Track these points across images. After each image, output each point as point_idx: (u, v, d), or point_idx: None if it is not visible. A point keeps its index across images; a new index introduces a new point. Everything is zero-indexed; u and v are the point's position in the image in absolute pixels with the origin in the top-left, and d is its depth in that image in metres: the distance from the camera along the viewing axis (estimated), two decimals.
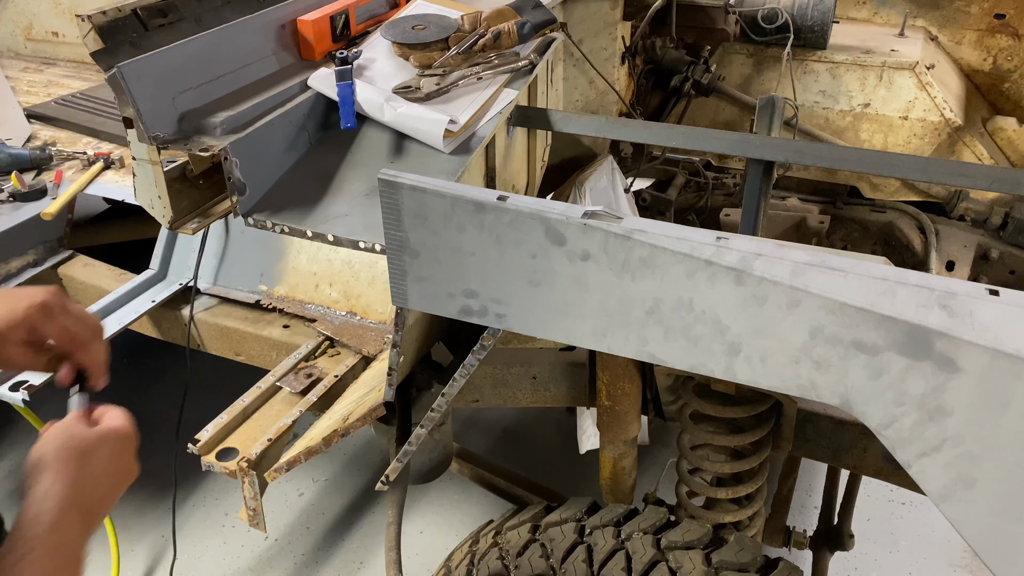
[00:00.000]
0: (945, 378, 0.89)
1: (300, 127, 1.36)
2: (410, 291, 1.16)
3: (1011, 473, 0.90)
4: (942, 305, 0.87)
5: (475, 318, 1.15)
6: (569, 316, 1.08)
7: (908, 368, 0.90)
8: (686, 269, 0.97)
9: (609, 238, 0.99)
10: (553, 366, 1.69)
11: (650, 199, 2.19)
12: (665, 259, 0.98)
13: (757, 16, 2.04)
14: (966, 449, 0.91)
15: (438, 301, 1.16)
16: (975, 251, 1.99)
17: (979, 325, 0.86)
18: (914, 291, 0.88)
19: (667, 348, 1.04)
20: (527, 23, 1.50)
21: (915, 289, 0.88)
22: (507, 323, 1.13)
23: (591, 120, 1.63)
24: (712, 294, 0.98)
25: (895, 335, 0.89)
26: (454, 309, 1.15)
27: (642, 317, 1.03)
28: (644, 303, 1.02)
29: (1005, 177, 1.48)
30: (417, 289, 1.16)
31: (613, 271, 1.01)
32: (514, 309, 1.11)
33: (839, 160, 1.54)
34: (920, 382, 0.90)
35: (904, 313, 0.88)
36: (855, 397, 0.95)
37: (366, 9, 1.57)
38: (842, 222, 2.13)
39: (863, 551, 2.47)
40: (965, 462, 0.92)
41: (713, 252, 0.96)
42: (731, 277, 0.96)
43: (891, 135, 2.03)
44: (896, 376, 0.91)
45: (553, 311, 1.09)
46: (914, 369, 0.90)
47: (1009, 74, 2.20)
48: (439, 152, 1.31)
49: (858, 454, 1.55)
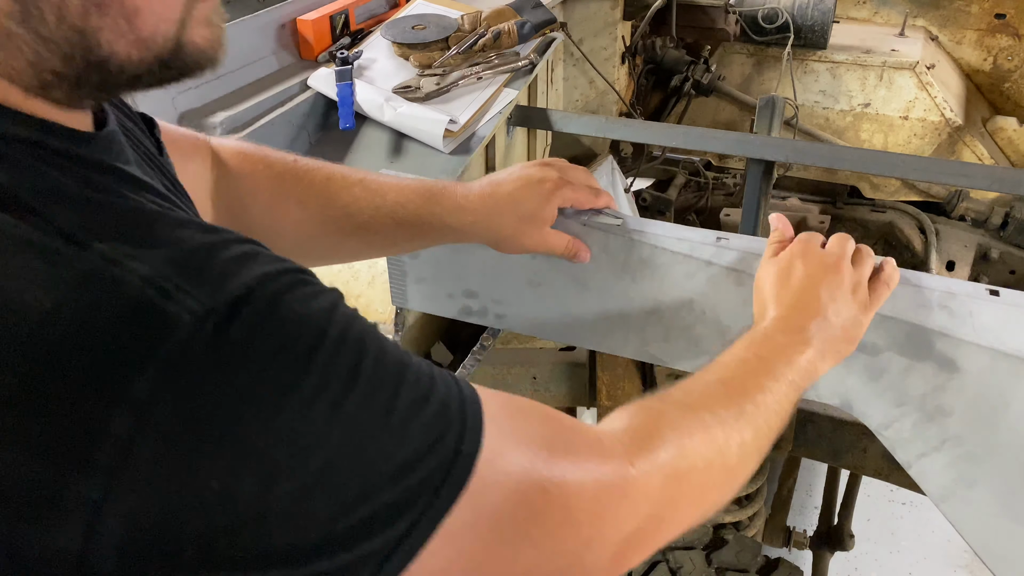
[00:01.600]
0: (945, 378, 0.89)
1: (300, 127, 1.36)
2: (410, 292, 1.16)
3: (1012, 473, 0.90)
4: (942, 306, 0.87)
5: (475, 318, 1.15)
6: (569, 316, 1.08)
7: (908, 368, 0.90)
8: (686, 270, 0.97)
9: (609, 239, 0.99)
10: (553, 366, 1.69)
11: (650, 199, 2.19)
12: (665, 259, 0.98)
13: (757, 16, 2.04)
14: (966, 449, 0.91)
15: (438, 302, 1.15)
16: (975, 251, 1.99)
17: (979, 325, 0.86)
18: (914, 291, 0.88)
19: (667, 349, 1.04)
20: (527, 23, 1.50)
21: (915, 290, 0.88)
22: (507, 323, 1.13)
23: (591, 120, 1.63)
24: (712, 295, 0.97)
25: (895, 336, 0.89)
26: (454, 310, 1.15)
27: (642, 318, 1.03)
28: (644, 304, 1.02)
29: (1005, 177, 1.48)
30: (417, 290, 1.16)
31: (613, 272, 1.01)
32: (514, 309, 1.11)
33: (839, 160, 1.54)
34: (920, 382, 0.90)
35: (904, 314, 0.88)
36: (855, 397, 0.94)
37: (366, 9, 1.57)
38: (842, 222, 2.13)
39: (863, 551, 2.47)
40: (965, 462, 0.92)
41: (713, 252, 0.96)
42: (731, 278, 0.95)
43: (891, 135, 2.03)
44: (896, 376, 0.91)
45: (553, 311, 1.08)
46: (914, 369, 0.90)
47: (1009, 74, 2.20)
48: (439, 152, 1.31)
49: (858, 454, 1.55)
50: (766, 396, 0.72)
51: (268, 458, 0.43)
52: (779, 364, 0.76)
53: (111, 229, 0.45)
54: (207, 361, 0.42)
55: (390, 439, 0.47)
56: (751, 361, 0.76)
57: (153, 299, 0.42)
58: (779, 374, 0.75)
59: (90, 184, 0.48)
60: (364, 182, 0.91)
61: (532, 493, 0.53)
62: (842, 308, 0.81)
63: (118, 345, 0.41)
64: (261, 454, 0.43)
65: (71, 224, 0.44)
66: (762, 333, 0.80)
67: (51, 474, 0.40)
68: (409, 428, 0.47)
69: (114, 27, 0.47)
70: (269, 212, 0.89)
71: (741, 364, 0.76)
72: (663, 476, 0.61)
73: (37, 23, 0.45)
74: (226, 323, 0.43)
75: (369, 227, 0.91)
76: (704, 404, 0.69)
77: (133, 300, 0.42)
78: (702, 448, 0.65)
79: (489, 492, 0.50)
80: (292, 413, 0.44)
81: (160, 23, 0.49)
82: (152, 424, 0.41)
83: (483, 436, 0.51)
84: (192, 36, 0.51)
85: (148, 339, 0.41)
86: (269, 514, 0.43)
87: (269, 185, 0.89)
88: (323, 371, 0.45)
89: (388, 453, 0.46)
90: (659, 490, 0.61)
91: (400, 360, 0.50)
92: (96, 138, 0.52)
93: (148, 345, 0.41)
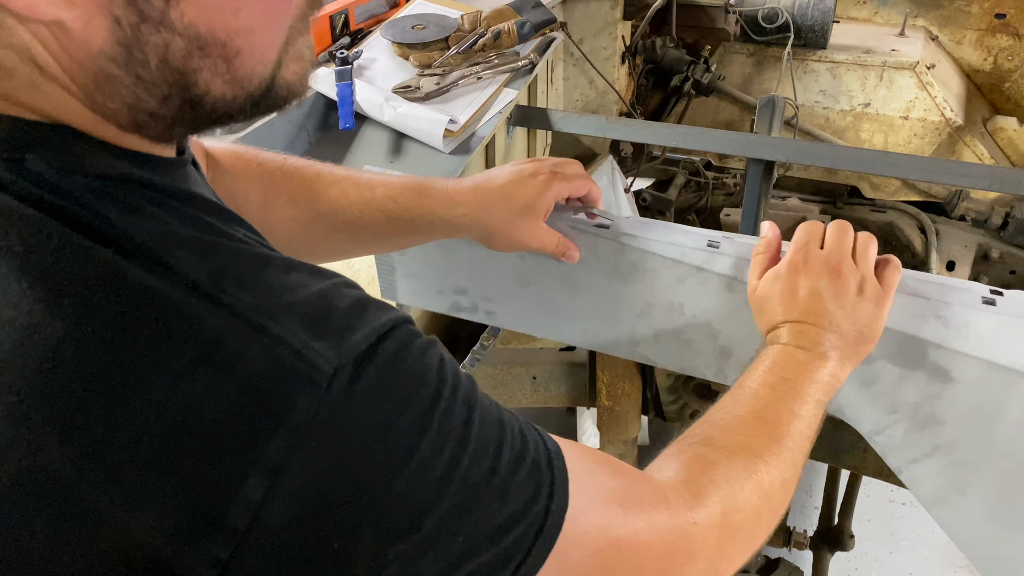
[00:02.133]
0: (939, 388, 0.88)
1: (300, 127, 1.36)
2: (399, 287, 1.16)
3: (1004, 481, 0.89)
4: (937, 316, 0.86)
5: (465, 314, 1.15)
6: (560, 316, 1.07)
7: (901, 377, 0.89)
8: (676, 275, 0.96)
9: (598, 241, 0.98)
10: (553, 366, 1.69)
11: (650, 199, 2.19)
12: (655, 264, 0.97)
13: (757, 16, 2.04)
14: (958, 456, 0.90)
15: (427, 297, 1.15)
16: (976, 251, 1.98)
17: (974, 336, 0.84)
18: (909, 301, 0.86)
19: (658, 350, 1.03)
20: (527, 23, 1.50)
21: (910, 299, 0.86)
22: (498, 320, 1.13)
23: (591, 120, 1.63)
24: (703, 300, 0.96)
25: (888, 345, 0.87)
26: (444, 305, 1.15)
27: (633, 319, 1.02)
28: (635, 306, 1.01)
29: (1006, 177, 1.48)
30: (406, 285, 1.15)
31: (603, 274, 1.00)
32: (504, 307, 1.11)
33: (839, 160, 1.54)
34: (913, 391, 0.89)
35: (898, 324, 0.87)
36: (846, 404, 0.93)
37: (366, 9, 1.56)
38: None
39: (863, 551, 2.47)
40: (957, 469, 0.91)
41: (704, 258, 0.94)
42: (722, 283, 0.94)
43: (891, 135, 2.03)
44: (889, 385, 0.90)
45: (543, 310, 1.08)
46: (907, 378, 0.89)
47: (1010, 74, 2.20)
48: (439, 152, 1.31)
49: (858, 454, 1.55)
50: (800, 424, 0.73)
51: (386, 521, 0.44)
52: (804, 384, 0.76)
53: (232, 278, 0.45)
54: (334, 423, 0.43)
55: (494, 499, 0.48)
56: (779, 387, 0.76)
57: (284, 360, 0.42)
58: (807, 395, 0.75)
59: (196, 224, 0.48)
60: (353, 178, 0.91)
61: (608, 551, 0.55)
62: (852, 312, 0.81)
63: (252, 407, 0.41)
64: (380, 517, 0.43)
65: (195, 274, 0.44)
66: (781, 352, 0.80)
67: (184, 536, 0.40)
68: (510, 488, 0.49)
69: (213, 68, 0.47)
70: (262, 211, 0.89)
71: (771, 391, 0.75)
72: (719, 532, 0.63)
73: (139, 66, 0.45)
74: (351, 384, 0.44)
75: (359, 223, 0.90)
76: (749, 447, 0.69)
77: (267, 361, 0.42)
78: (753, 498, 0.66)
79: (572, 550, 0.52)
80: (411, 475, 0.44)
81: (258, 65, 0.49)
82: (284, 488, 0.41)
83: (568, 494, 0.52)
84: (285, 73, 0.51)
85: (282, 401, 0.42)
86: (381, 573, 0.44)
87: (261, 184, 0.89)
88: (439, 430, 0.46)
89: (492, 513, 0.48)
90: (716, 546, 0.63)
91: (499, 417, 0.51)
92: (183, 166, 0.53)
93: (281, 408, 0.42)
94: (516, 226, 0.91)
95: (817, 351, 0.79)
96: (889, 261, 0.86)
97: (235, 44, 0.47)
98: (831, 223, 0.88)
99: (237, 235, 0.49)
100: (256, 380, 0.42)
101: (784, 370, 0.77)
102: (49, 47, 0.44)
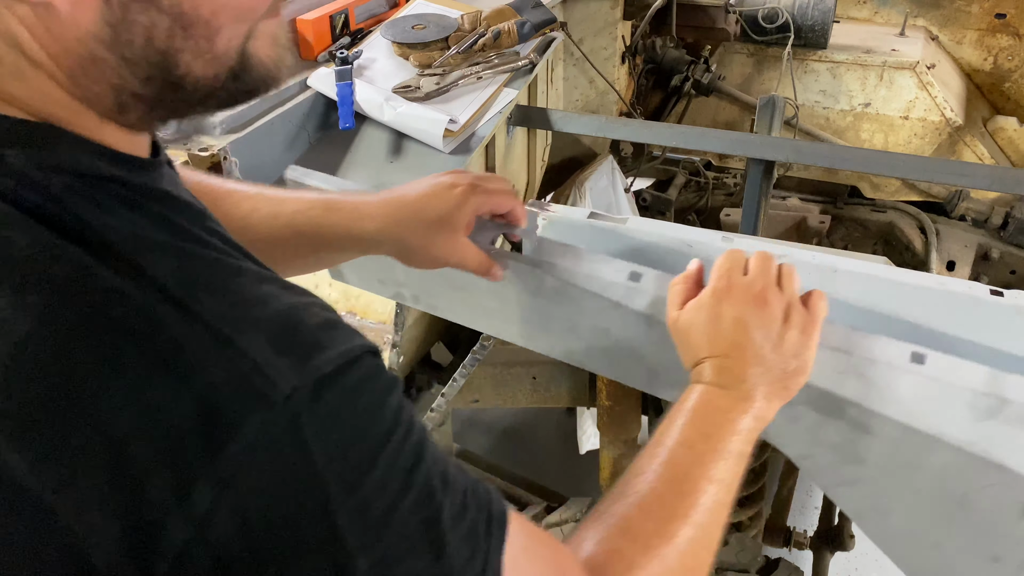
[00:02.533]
0: (858, 436, 0.86)
1: (299, 127, 1.36)
2: (345, 272, 1.19)
3: (924, 517, 0.88)
4: (859, 374, 0.83)
5: (410, 303, 1.16)
6: (495, 318, 1.06)
7: (821, 422, 0.87)
8: (598, 305, 0.94)
9: (519, 267, 0.96)
10: (553, 366, 1.69)
11: (650, 199, 2.19)
12: (576, 293, 0.95)
13: (757, 15, 2.04)
14: (880, 488, 0.89)
15: (372, 285, 1.18)
16: (976, 251, 1.98)
17: (893, 399, 0.82)
18: (831, 355, 0.83)
19: (591, 362, 1.02)
20: (527, 23, 1.50)
21: (832, 353, 0.84)
22: (441, 312, 1.13)
23: (591, 120, 1.63)
24: (626, 330, 0.94)
25: (809, 393, 0.85)
26: (388, 293, 1.17)
27: (563, 332, 1.01)
28: (563, 322, 0.99)
29: (1006, 177, 1.48)
30: (351, 270, 1.18)
31: (528, 293, 0.99)
32: (444, 304, 1.11)
33: (840, 160, 1.54)
34: (834, 434, 0.87)
35: (818, 379, 0.83)
36: (772, 431, 0.90)
37: (366, 9, 1.56)
38: (842, 222, 2.13)
39: (863, 551, 2.47)
40: (879, 497, 0.90)
41: (623, 294, 0.91)
42: (642, 320, 0.92)
43: (892, 135, 2.03)
44: (810, 425, 0.88)
45: (479, 312, 1.08)
46: (828, 424, 0.87)
47: (1010, 74, 2.20)
48: (439, 152, 1.31)
49: None
50: (719, 490, 0.71)
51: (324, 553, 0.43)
52: (725, 437, 0.74)
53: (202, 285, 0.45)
54: (283, 444, 0.42)
55: (427, 553, 0.47)
56: (698, 445, 0.73)
57: (243, 374, 0.42)
58: (727, 452, 0.73)
59: (170, 226, 0.48)
60: (265, 194, 0.88)
61: None
62: (779, 340, 0.77)
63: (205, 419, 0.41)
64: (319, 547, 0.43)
65: (165, 278, 0.44)
66: (702, 399, 0.76)
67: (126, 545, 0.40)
68: (446, 547, 0.48)
69: (195, 48, 0.48)
70: None
71: (689, 452, 0.73)
72: None
73: (124, 47, 0.46)
74: (308, 405, 0.43)
75: (268, 239, 0.86)
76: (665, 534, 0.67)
77: (226, 373, 0.42)
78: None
79: None
80: (350, 513, 0.44)
81: (232, 39, 0.50)
82: (226, 504, 0.41)
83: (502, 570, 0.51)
84: (257, 50, 0.52)
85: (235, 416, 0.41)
86: None
87: None
88: (385, 471, 0.45)
89: (425, 567, 0.47)
90: None
91: (444, 471, 0.50)
92: (159, 166, 0.53)
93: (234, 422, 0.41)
94: (433, 241, 0.86)
95: (741, 390, 0.76)
96: (812, 293, 0.82)
97: (218, 21, 0.48)
98: (754, 253, 0.83)
99: (212, 240, 0.49)
100: (213, 392, 0.41)
101: (704, 423, 0.75)
102: (35, 32, 0.45)
